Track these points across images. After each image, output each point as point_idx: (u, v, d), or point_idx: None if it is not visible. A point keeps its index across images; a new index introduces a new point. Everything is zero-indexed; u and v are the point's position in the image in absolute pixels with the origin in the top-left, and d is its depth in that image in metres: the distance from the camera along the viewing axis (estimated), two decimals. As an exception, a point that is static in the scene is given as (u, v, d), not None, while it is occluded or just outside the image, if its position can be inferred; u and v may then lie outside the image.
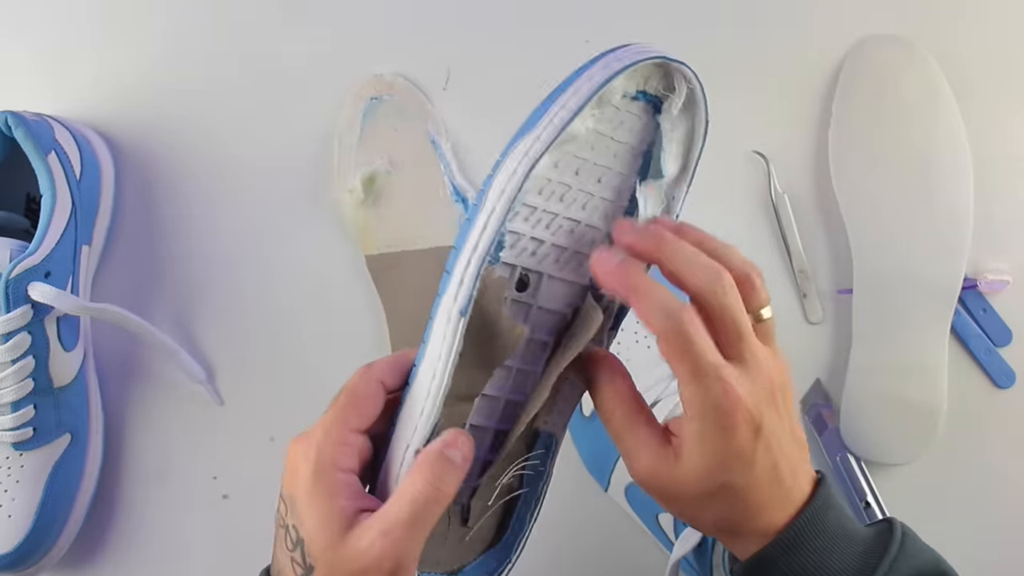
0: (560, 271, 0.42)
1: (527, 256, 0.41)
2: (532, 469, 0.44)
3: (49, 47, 0.66)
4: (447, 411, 0.41)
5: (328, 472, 0.39)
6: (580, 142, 0.41)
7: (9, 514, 0.58)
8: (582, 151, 0.41)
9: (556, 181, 0.41)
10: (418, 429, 0.40)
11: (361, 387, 0.41)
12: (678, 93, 0.42)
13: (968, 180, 0.59)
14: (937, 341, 0.60)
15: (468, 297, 0.39)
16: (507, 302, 0.41)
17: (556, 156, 0.40)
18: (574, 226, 0.42)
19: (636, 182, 0.43)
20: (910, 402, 0.60)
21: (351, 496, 0.39)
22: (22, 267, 0.56)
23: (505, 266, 0.41)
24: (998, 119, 0.61)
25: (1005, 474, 0.61)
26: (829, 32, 0.62)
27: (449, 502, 0.39)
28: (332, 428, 0.40)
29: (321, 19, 0.64)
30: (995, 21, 0.62)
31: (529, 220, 0.41)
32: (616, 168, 0.42)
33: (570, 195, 0.42)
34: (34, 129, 0.58)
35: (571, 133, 0.39)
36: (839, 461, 0.61)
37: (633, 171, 0.43)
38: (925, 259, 0.59)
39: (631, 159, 0.43)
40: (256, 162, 0.64)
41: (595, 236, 0.43)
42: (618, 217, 0.43)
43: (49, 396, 0.59)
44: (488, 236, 0.39)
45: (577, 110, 0.39)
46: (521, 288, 0.42)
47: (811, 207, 0.62)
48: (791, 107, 0.63)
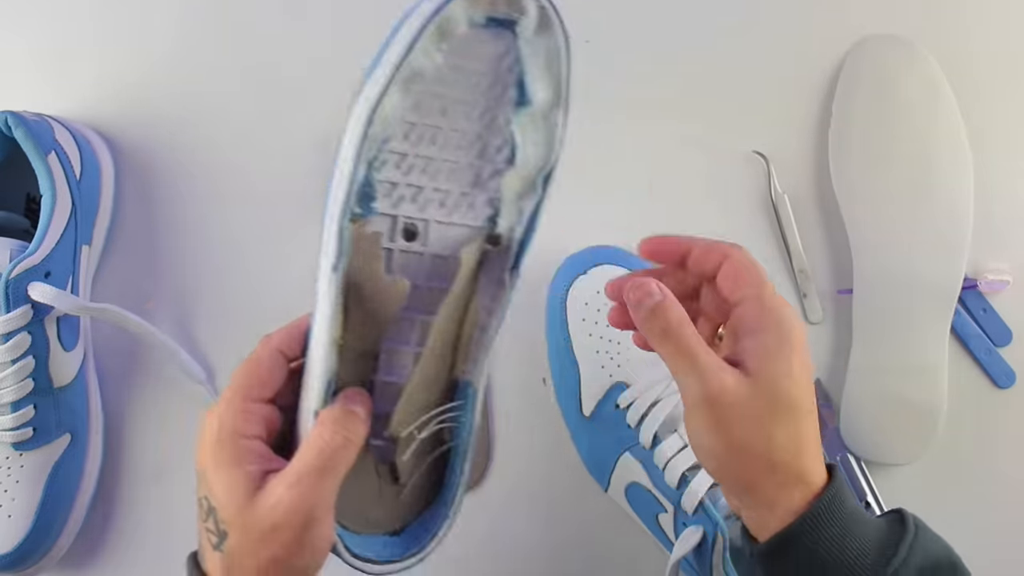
0: (448, 216, 0.42)
1: (407, 204, 0.41)
2: (455, 421, 0.44)
3: (49, 47, 0.66)
4: (349, 368, 0.41)
5: (231, 440, 0.40)
6: (432, 79, 0.39)
7: (9, 514, 0.58)
8: (440, 88, 0.39)
9: (422, 124, 0.40)
10: (314, 389, 0.40)
11: (259, 356, 0.42)
12: (528, 14, 0.39)
13: (968, 180, 0.59)
14: (937, 341, 0.60)
15: (337, 253, 0.39)
16: (396, 253, 0.41)
17: (412, 97, 0.39)
18: (453, 167, 0.41)
19: (511, 113, 0.41)
20: (910, 402, 0.60)
21: (257, 460, 0.39)
22: (22, 267, 0.56)
23: (384, 217, 0.40)
24: (998, 119, 0.61)
25: (1005, 474, 0.61)
26: (829, 32, 0.62)
27: (355, 453, 0.40)
28: (233, 398, 0.41)
29: (322, 23, 0.64)
30: (996, 21, 0.62)
31: (401, 167, 0.40)
32: (484, 102, 0.41)
33: (442, 136, 0.40)
34: (34, 129, 0.58)
35: (415, 70, 0.38)
36: (839, 461, 0.61)
37: (504, 102, 0.41)
38: (925, 259, 0.59)
39: (499, 90, 0.41)
40: (256, 162, 0.64)
41: (480, 173, 0.42)
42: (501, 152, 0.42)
43: (49, 396, 0.59)
44: (344, 188, 0.38)
45: (409, 45, 0.37)
46: (409, 238, 0.41)
47: (811, 207, 0.62)
48: (791, 107, 0.63)
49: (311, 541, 0.39)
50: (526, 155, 0.42)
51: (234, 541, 0.39)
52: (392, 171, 0.40)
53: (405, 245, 0.41)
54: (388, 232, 0.41)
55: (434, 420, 0.44)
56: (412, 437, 0.43)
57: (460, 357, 0.44)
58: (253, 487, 0.39)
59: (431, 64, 0.39)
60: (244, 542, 0.39)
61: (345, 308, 0.40)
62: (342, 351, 0.41)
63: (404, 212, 0.41)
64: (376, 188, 0.40)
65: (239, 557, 0.39)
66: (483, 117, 0.41)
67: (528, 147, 0.42)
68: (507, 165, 0.42)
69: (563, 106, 0.41)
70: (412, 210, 0.41)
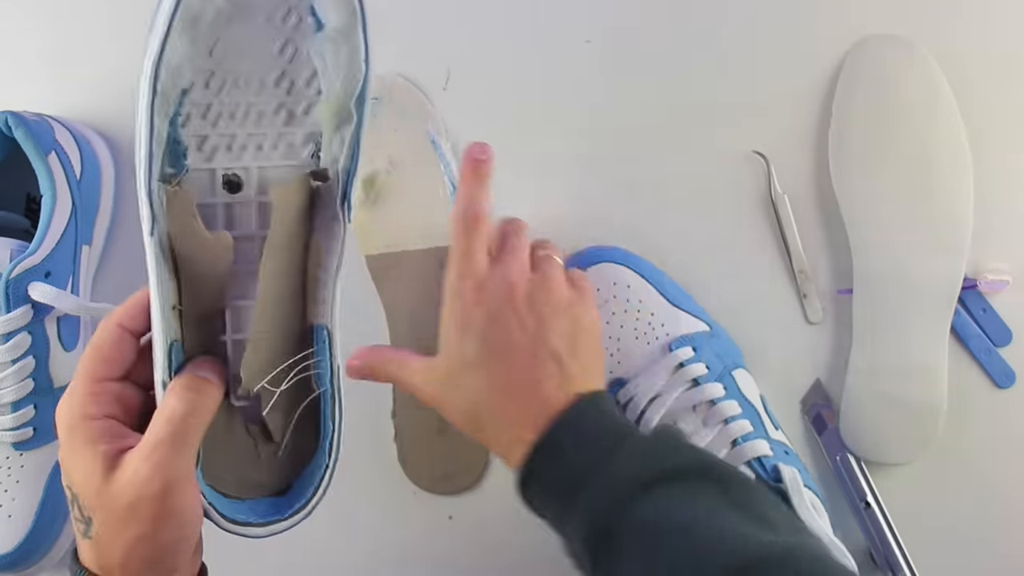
0: (268, 159, 0.41)
1: (223, 155, 0.40)
2: (317, 368, 0.43)
3: (50, 47, 0.66)
4: (194, 333, 0.40)
5: (80, 424, 0.39)
6: (217, 20, 0.37)
7: (9, 514, 0.58)
8: (229, 28, 0.38)
9: (220, 69, 0.38)
10: (159, 360, 0.39)
11: (101, 336, 0.41)
12: None
13: (968, 180, 0.59)
14: (937, 341, 0.60)
15: (151, 218, 0.38)
16: (220, 207, 0.40)
17: (200, 43, 0.37)
18: (263, 108, 0.40)
19: (310, 43, 0.40)
20: (910, 402, 0.60)
21: (110, 439, 0.39)
22: (22, 267, 0.56)
23: (201, 172, 0.39)
24: (998, 119, 0.61)
25: (1005, 474, 0.61)
26: (829, 32, 0.62)
27: (207, 418, 0.39)
28: (78, 382, 0.40)
29: (321, 19, 0.64)
30: (995, 21, 0.62)
31: (208, 117, 0.38)
32: (280, 36, 0.39)
33: (243, 78, 0.39)
34: (34, 129, 0.58)
35: (194, 13, 0.36)
36: (839, 461, 0.61)
37: (301, 33, 0.39)
38: (925, 259, 0.59)
39: (294, 20, 0.39)
40: (256, 162, 0.64)
41: (292, 110, 0.40)
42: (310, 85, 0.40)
43: (49, 396, 0.59)
44: (145, 149, 0.38)
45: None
46: (233, 189, 0.40)
47: (811, 207, 0.62)
48: (791, 107, 0.63)
49: (174, 513, 0.38)
50: (332, 82, 0.40)
51: (99, 524, 0.39)
52: (199, 123, 0.39)
53: (229, 198, 0.40)
54: (208, 187, 0.40)
55: (292, 370, 0.42)
56: (269, 391, 0.42)
57: (310, 301, 0.43)
58: (108, 466, 0.38)
59: (211, 5, 0.37)
60: (108, 523, 0.38)
61: (176, 272, 0.39)
62: (183, 316, 0.40)
63: (221, 164, 0.40)
64: (185, 143, 0.39)
65: (107, 539, 0.39)
66: (283, 52, 0.39)
67: (333, 73, 0.40)
68: (317, 96, 0.40)
69: (361, 24, 0.40)
70: (229, 160, 0.40)
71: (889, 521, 0.59)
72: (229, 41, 0.38)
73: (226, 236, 0.40)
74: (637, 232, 0.62)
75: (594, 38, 0.63)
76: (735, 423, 0.56)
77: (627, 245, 0.61)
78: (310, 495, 0.43)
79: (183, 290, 0.40)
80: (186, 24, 0.36)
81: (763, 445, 0.56)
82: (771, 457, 0.56)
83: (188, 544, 0.40)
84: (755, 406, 0.58)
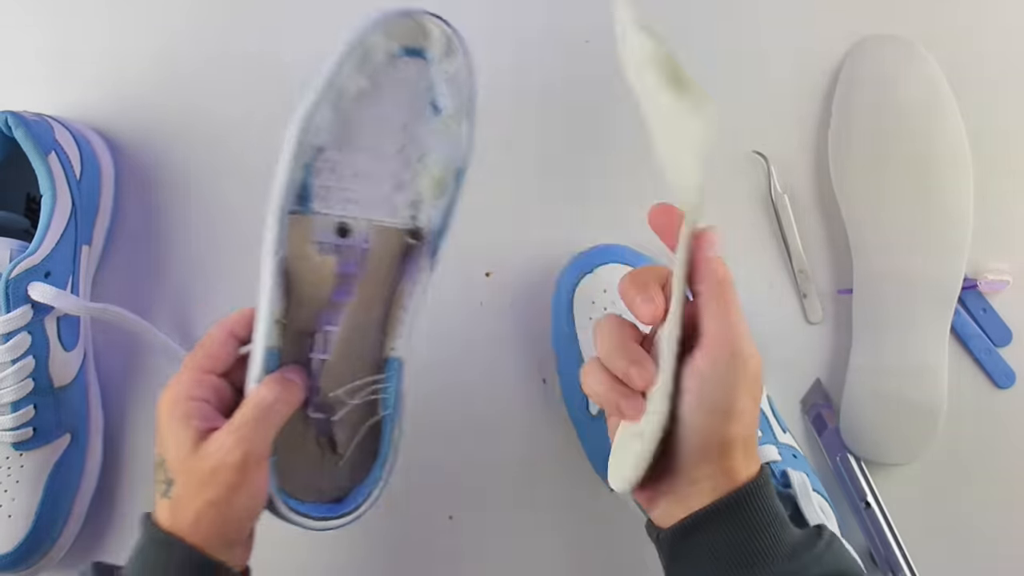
0: (376, 215, 0.48)
1: (341, 205, 0.47)
2: (386, 392, 0.50)
3: (50, 47, 0.66)
4: (290, 346, 0.48)
5: (181, 401, 0.45)
6: (359, 98, 0.47)
7: (9, 514, 0.58)
8: (366, 106, 0.47)
9: (353, 136, 0.47)
10: (256, 362, 0.46)
11: (211, 335, 0.48)
12: (435, 41, 0.48)
13: (968, 180, 0.59)
14: (937, 341, 0.60)
15: (275, 241, 0.46)
16: (329, 246, 0.48)
17: (342, 113, 0.46)
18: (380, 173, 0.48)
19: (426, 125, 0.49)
20: (910, 402, 0.60)
21: (203, 418, 0.45)
22: (22, 267, 0.56)
23: (320, 215, 0.47)
24: (998, 119, 0.61)
25: (1005, 474, 0.61)
26: (829, 32, 0.62)
27: (289, 411, 0.46)
28: (185, 370, 0.47)
29: (323, 21, 0.64)
30: (995, 21, 0.62)
31: (336, 173, 0.47)
32: (404, 117, 0.48)
33: (369, 147, 0.48)
34: (34, 129, 0.58)
35: (341, 90, 0.46)
36: (839, 461, 0.61)
37: (421, 116, 0.49)
38: (925, 259, 0.59)
39: (418, 107, 0.48)
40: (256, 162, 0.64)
41: (402, 177, 0.49)
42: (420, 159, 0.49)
43: (49, 396, 0.59)
44: (283, 187, 0.45)
45: (335, 69, 0.46)
46: (343, 234, 0.48)
47: (811, 207, 0.62)
48: (791, 107, 0.63)
49: (246, 484, 0.44)
50: (438, 159, 0.49)
51: (179, 486, 0.45)
52: (327, 176, 0.47)
53: (339, 240, 0.48)
54: (323, 227, 0.47)
55: (364, 390, 0.50)
56: (343, 402, 0.49)
57: (388, 335, 0.50)
58: (198, 438, 0.45)
59: (355, 86, 0.46)
60: (188, 485, 0.44)
61: (286, 291, 0.47)
62: (284, 329, 0.47)
63: (337, 212, 0.47)
64: (313, 191, 0.46)
65: (183, 500, 0.45)
66: (405, 130, 0.48)
67: (440, 152, 0.49)
68: (424, 168, 0.49)
69: (468, 115, 0.49)
70: (345, 211, 0.48)
71: (889, 521, 0.60)
72: (363, 115, 0.47)
73: (331, 263, 0.48)
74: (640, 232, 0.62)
75: (594, 38, 0.63)
76: (744, 428, 0.56)
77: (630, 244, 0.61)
78: (361, 502, 0.50)
79: (290, 307, 0.47)
80: (332, 95, 0.46)
81: (772, 450, 0.56)
82: (780, 462, 0.56)
83: (250, 519, 0.46)
84: (763, 410, 0.58)
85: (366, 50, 0.46)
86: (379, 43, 0.46)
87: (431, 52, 0.48)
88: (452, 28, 0.49)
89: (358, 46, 0.46)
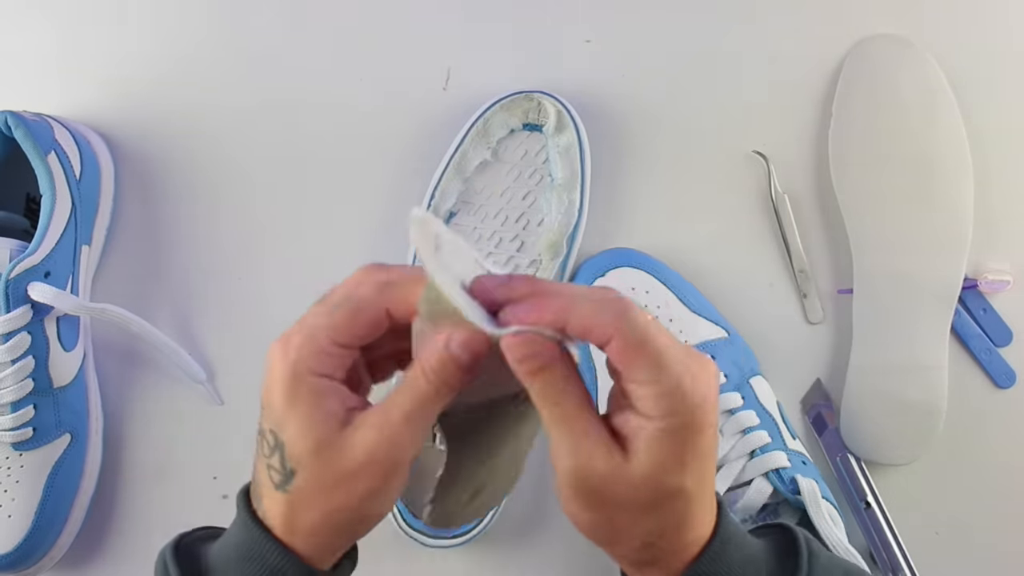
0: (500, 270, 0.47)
1: None
2: None
3: (50, 47, 0.66)
4: None
5: (306, 377, 0.36)
6: (479, 167, 0.57)
7: (9, 514, 0.58)
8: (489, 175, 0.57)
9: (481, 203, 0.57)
10: None
11: (363, 308, 0.37)
12: (550, 115, 0.57)
13: (968, 180, 0.59)
14: (937, 341, 0.60)
15: None
16: None
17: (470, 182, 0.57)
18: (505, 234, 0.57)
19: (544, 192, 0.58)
20: (910, 402, 0.60)
21: (340, 401, 0.36)
22: (22, 267, 0.56)
23: None
24: (998, 119, 0.61)
25: (1006, 474, 0.61)
26: (829, 32, 0.62)
27: (444, 404, 0.37)
28: (318, 335, 0.36)
29: (323, 19, 0.64)
30: (995, 20, 0.62)
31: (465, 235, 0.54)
32: (525, 186, 0.58)
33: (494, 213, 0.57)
34: (34, 129, 0.58)
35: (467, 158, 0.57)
36: (839, 461, 0.61)
37: (540, 184, 0.58)
38: (925, 259, 0.59)
39: (537, 176, 0.58)
40: (256, 162, 0.64)
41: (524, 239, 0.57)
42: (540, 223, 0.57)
43: (49, 396, 0.59)
44: None
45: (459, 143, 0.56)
46: None
47: (811, 207, 0.62)
48: (791, 107, 0.63)
49: (386, 491, 0.36)
50: (554, 221, 0.57)
51: (303, 481, 0.36)
52: None
53: None
54: None
55: None
56: None
57: None
58: (335, 425, 0.36)
59: (477, 159, 0.57)
60: (318, 481, 0.36)
61: None
62: None
63: None
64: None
65: (307, 499, 0.36)
66: (525, 198, 0.58)
67: (556, 216, 0.57)
68: (543, 231, 0.57)
69: (580, 185, 0.58)
70: None
71: (889, 521, 0.59)
72: (488, 184, 0.56)
73: None
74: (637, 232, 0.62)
75: (594, 38, 0.63)
76: (753, 434, 0.56)
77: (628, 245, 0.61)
78: (472, 527, 0.56)
79: None
80: (459, 165, 0.55)
81: (781, 457, 0.56)
82: (789, 468, 0.56)
83: (367, 530, 0.39)
84: (772, 416, 0.58)
85: (488, 124, 0.55)
86: (499, 118, 0.56)
87: (547, 125, 0.56)
88: (563, 103, 0.56)
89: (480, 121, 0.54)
